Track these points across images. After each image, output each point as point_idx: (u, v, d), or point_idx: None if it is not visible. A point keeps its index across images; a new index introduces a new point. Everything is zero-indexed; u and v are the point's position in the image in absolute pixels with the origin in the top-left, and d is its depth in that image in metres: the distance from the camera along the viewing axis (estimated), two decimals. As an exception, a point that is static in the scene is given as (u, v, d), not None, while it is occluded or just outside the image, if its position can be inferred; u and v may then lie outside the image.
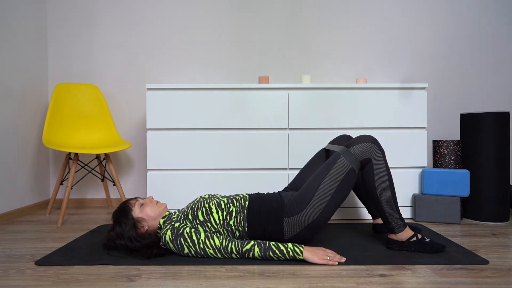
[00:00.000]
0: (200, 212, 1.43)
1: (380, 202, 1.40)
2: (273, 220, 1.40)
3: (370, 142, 1.41)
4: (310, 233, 1.41)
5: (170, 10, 2.58)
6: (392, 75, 2.63)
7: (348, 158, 1.39)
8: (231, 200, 1.47)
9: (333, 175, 1.38)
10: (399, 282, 1.14)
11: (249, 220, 1.41)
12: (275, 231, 1.40)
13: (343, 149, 1.42)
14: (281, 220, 1.40)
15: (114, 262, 1.33)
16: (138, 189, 2.60)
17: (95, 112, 2.43)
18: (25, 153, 2.29)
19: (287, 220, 1.39)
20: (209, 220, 1.41)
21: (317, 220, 1.37)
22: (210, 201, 1.46)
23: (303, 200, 1.39)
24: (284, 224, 1.39)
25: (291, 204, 1.41)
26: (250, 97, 2.03)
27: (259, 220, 1.41)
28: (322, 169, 1.42)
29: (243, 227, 1.41)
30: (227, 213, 1.42)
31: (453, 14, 2.62)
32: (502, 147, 1.93)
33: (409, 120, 2.05)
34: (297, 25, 2.61)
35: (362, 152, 1.40)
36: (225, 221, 1.41)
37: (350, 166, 1.38)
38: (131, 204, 1.46)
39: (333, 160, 1.41)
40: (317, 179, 1.40)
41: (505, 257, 1.38)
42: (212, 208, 1.43)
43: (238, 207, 1.44)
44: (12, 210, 2.13)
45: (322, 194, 1.37)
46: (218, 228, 1.41)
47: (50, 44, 2.56)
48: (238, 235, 1.43)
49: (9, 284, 1.15)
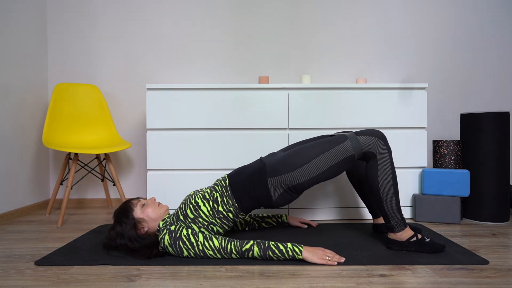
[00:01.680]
0: (188, 210, 1.43)
1: (382, 199, 1.41)
2: (257, 185, 1.42)
3: (378, 137, 1.41)
4: (294, 194, 1.45)
5: (170, 10, 2.58)
6: (392, 75, 2.63)
7: (354, 145, 1.40)
8: (212, 187, 1.49)
9: (334, 153, 1.40)
10: (399, 282, 1.14)
11: (236, 195, 1.43)
12: (263, 195, 1.42)
13: (352, 134, 1.43)
14: (265, 181, 1.42)
15: (114, 262, 1.33)
16: (138, 189, 2.60)
17: (95, 112, 2.43)
18: (25, 153, 2.29)
19: (271, 180, 1.41)
20: (199, 215, 1.42)
21: (301, 184, 1.41)
22: (195, 196, 1.47)
23: (293, 163, 1.40)
24: (269, 185, 1.41)
25: (277, 164, 1.42)
26: (250, 97, 2.03)
27: (244, 191, 1.43)
28: (324, 143, 1.43)
29: (233, 205, 1.43)
30: (213, 201, 1.43)
31: (453, 14, 2.62)
32: (502, 147, 1.93)
33: (409, 120, 2.05)
34: (297, 25, 2.61)
35: (368, 145, 1.40)
36: (213, 209, 1.42)
37: (352, 152, 1.40)
38: (133, 204, 1.47)
39: (338, 140, 1.42)
40: (315, 149, 1.41)
41: (505, 257, 1.38)
42: (199, 202, 1.44)
43: (220, 190, 1.46)
44: (12, 210, 2.13)
45: (316, 165, 1.39)
46: (211, 220, 1.42)
47: (50, 44, 2.56)
48: (232, 217, 1.44)
49: (9, 284, 1.15)
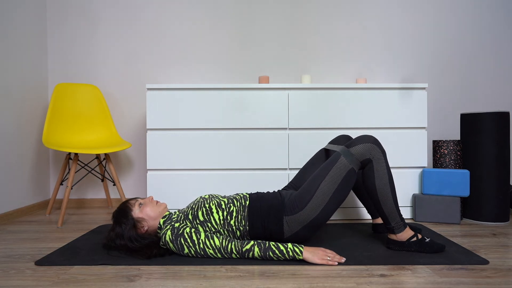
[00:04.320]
0: (200, 212, 1.43)
1: (380, 202, 1.40)
2: (274, 219, 1.40)
3: (370, 142, 1.41)
4: (309, 232, 1.41)
5: (170, 10, 2.58)
6: (392, 75, 2.63)
7: (349, 159, 1.39)
8: (231, 200, 1.47)
9: (333, 175, 1.38)
10: (399, 282, 1.14)
11: (250, 219, 1.41)
12: (275, 230, 1.41)
13: (344, 149, 1.42)
14: (281, 218, 1.40)
15: (114, 262, 1.33)
16: (138, 189, 2.60)
17: (95, 112, 2.42)
18: (25, 153, 2.29)
19: (287, 218, 1.40)
20: (209, 220, 1.41)
21: (316, 219, 1.38)
22: (210, 201, 1.46)
23: (302, 199, 1.39)
24: (284, 222, 1.40)
25: (291, 203, 1.41)
26: (250, 97, 2.03)
27: (259, 219, 1.41)
28: (322, 169, 1.42)
29: (244, 226, 1.41)
30: (228, 213, 1.42)
31: (453, 14, 2.62)
32: (502, 147, 1.93)
33: (409, 120, 2.05)
34: (297, 25, 2.61)
35: (362, 153, 1.40)
36: (225, 221, 1.41)
37: (350, 166, 1.38)
38: (131, 204, 1.46)
39: (333, 160, 1.41)
40: (317, 179, 1.40)
41: (505, 257, 1.38)
42: (213, 208, 1.43)
43: (238, 206, 1.44)
44: (12, 210, 2.13)
45: (322, 194, 1.37)
46: (219, 228, 1.41)
47: (50, 44, 2.56)
48: (239, 235, 1.43)
49: (9, 284, 1.15)
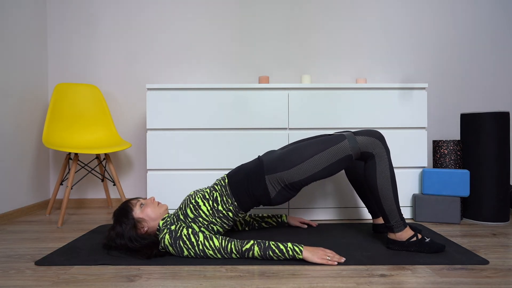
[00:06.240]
0: (188, 210, 1.44)
1: (381, 200, 1.41)
2: (255, 182, 1.42)
3: (376, 138, 1.42)
4: (292, 192, 1.45)
5: (170, 10, 2.58)
6: (392, 75, 2.63)
7: (352, 144, 1.40)
8: (212, 187, 1.49)
9: (332, 152, 1.40)
10: (399, 282, 1.14)
11: (234, 194, 1.44)
12: (261, 193, 1.43)
13: (350, 134, 1.44)
14: (263, 179, 1.42)
15: (114, 262, 1.33)
16: (138, 189, 2.60)
17: (95, 112, 2.42)
18: (25, 153, 2.29)
19: (269, 177, 1.42)
20: (199, 214, 1.43)
21: (298, 182, 1.42)
22: (195, 196, 1.48)
23: (290, 160, 1.41)
24: (267, 182, 1.42)
25: (274, 162, 1.43)
26: (250, 97, 2.03)
27: (243, 190, 1.44)
28: (322, 142, 1.43)
29: (232, 204, 1.44)
30: (213, 200, 1.44)
31: (453, 14, 2.62)
32: (502, 147, 1.93)
33: (409, 120, 2.05)
34: (297, 25, 2.61)
35: (366, 145, 1.41)
36: (213, 209, 1.43)
37: (350, 152, 1.40)
38: (132, 204, 1.47)
39: (336, 140, 1.42)
40: (313, 148, 1.42)
41: (505, 257, 1.38)
42: (199, 202, 1.44)
43: (220, 189, 1.47)
44: (12, 210, 2.13)
45: (313, 164, 1.40)
46: (211, 219, 1.43)
47: (50, 44, 2.56)
48: (231, 216, 1.45)
49: (9, 284, 1.15)
